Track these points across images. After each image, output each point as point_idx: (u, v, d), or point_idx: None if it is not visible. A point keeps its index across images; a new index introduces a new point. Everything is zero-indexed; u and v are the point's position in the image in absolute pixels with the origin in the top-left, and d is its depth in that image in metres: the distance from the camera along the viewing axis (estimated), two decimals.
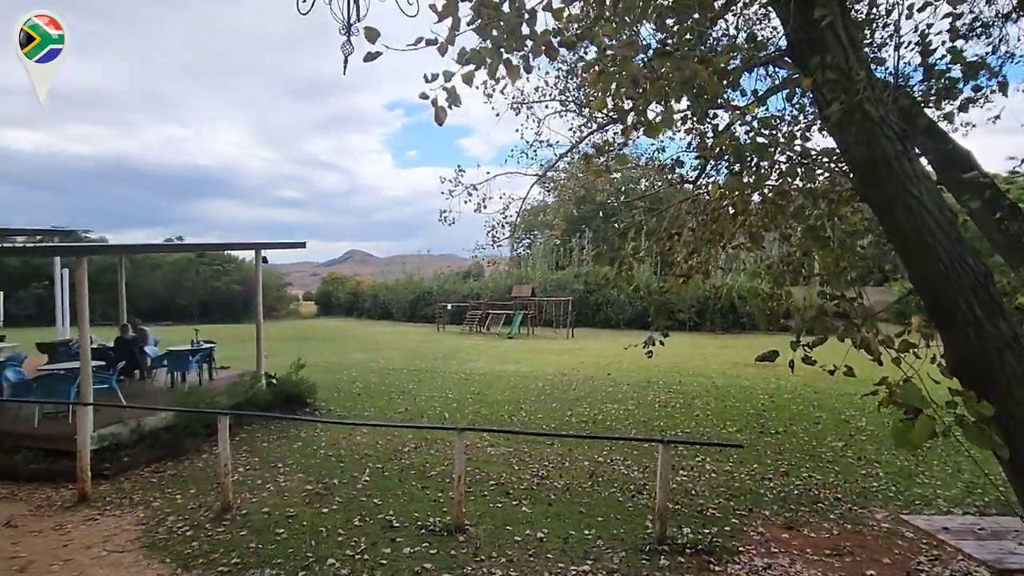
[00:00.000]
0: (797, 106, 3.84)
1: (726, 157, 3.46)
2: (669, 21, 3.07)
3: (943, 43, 3.28)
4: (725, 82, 2.76)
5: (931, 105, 3.63)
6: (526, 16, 2.40)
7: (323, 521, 5.60)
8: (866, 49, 4.35)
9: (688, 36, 3.07)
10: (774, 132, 3.12)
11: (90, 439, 6.58)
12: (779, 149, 2.93)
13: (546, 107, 9.34)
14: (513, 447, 7.99)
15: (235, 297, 35.63)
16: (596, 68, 2.38)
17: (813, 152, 3.05)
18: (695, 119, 4.69)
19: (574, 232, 33.64)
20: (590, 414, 9.98)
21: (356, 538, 5.22)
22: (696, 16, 2.67)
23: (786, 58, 3.21)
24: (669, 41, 3.15)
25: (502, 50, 2.26)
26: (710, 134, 4.32)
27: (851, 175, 3.07)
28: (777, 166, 3.07)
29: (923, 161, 3.37)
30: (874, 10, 4.80)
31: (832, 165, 3.61)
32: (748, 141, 3.14)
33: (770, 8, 4.74)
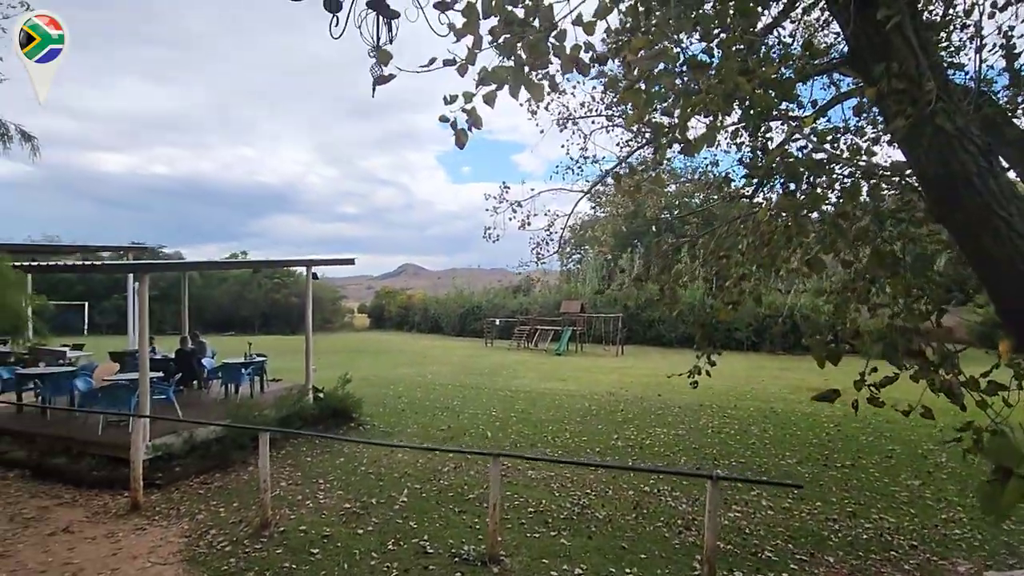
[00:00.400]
0: (865, 118, 3.49)
1: (778, 175, 3.17)
2: (716, 31, 2.85)
3: None
4: (776, 95, 2.50)
5: (1020, 114, 3.21)
6: (555, 32, 2.26)
7: (358, 543, 5.54)
8: (941, 53, 3.94)
9: (738, 46, 2.83)
10: (835, 146, 2.82)
11: (145, 449, 6.84)
12: (840, 164, 2.63)
13: (592, 122, 9.17)
14: (554, 471, 7.73)
15: (293, 309, 37.09)
16: (626, 82, 2.19)
17: (880, 167, 2.72)
18: (747, 135, 4.39)
19: (625, 248, 33.03)
20: (637, 438, 9.57)
21: (389, 563, 5.12)
22: (741, 25, 2.43)
23: (848, 66, 2.91)
24: (716, 52, 2.92)
25: (526, 68, 2.11)
26: (760, 151, 4.02)
27: (925, 193, 2.73)
28: (840, 182, 2.76)
29: (1012, 176, 2.96)
30: (951, 11, 4.36)
31: (902, 181, 3.25)
32: (803, 156, 2.85)
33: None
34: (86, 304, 32.37)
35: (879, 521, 6.30)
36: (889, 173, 2.72)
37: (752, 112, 2.99)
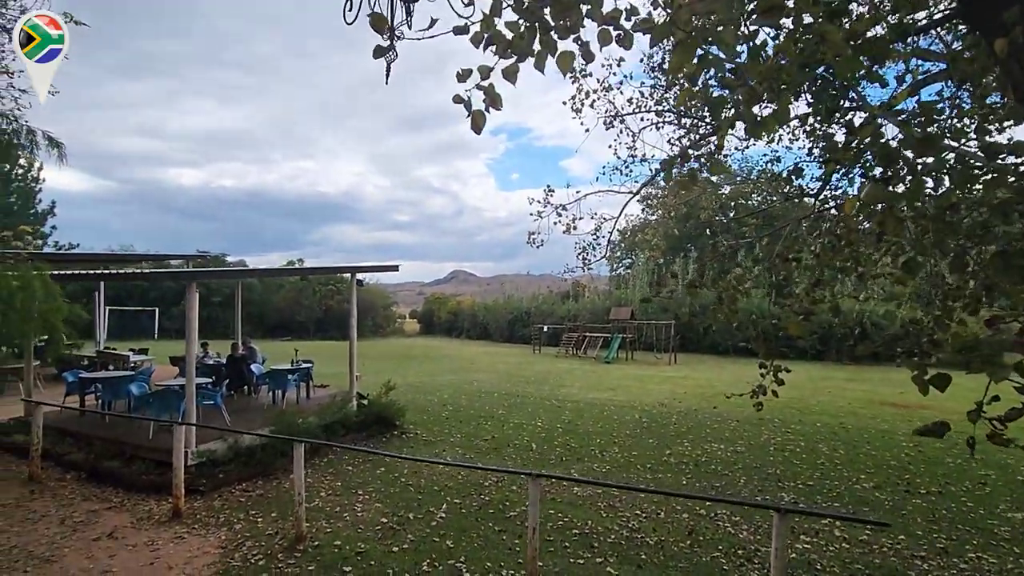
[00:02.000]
0: (969, 92, 2.91)
1: (865, 160, 2.65)
2: None
3: None
4: (867, 54, 2.01)
5: None
6: None
7: (392, 561, 5.26)
8: None
9: None
10: (938, 124, 2.28)
11: (190, 455, 6.85)
12: (953, 143, 2.11)
13: (641, 119, 8.69)
14: (603, 488, 7.25)
15: (346, 315, 38.01)
16: (673, 39, 1.76)
17: (1003, 146, 2.17)
18: (818, 119, 3.85)
19: (678, 252, 31.92)
20: (692, 454, 8.94)
21: None
22: None
23: (955, 22, 2.37)
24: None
25: (553, 35, 1.74)
26: (839, 136, 3.47)
27: None
28: (947, 168, 2.23)
29: None
30: None
31: None
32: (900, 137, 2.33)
33: None
34: (156, 310, 34.21)
35: (976, 561, 5.47)
36: (1015, 155, 2.16)
37: (830, 87, 2.49)
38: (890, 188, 2.32)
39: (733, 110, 2.03)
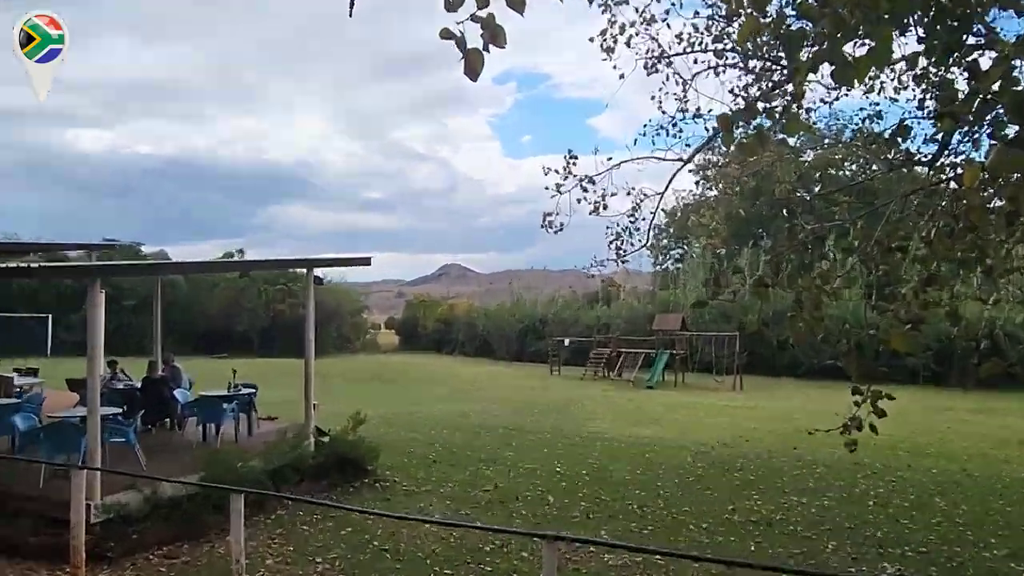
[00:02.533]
0: None
1: (995, 116, 2.63)
2: None
3: None
4: None
5: None
6: None
7: None
8: None
9: None
10: None
11: (93, 509, 6.91)
12: None
13: (694, 61, 8.69)
14: (642, 556, 7.26)
15: (301, 324, 38.22)
16: None
17: None
18: (932, 61, 3.82)
19: (745, 239, 31.88)
20: (763, 510, 8.95)
21: None
22: None
23: None
24: None
25: None
26: (959, 82, 3.45)
27: None
28: None
29: None
30: None
31: None
32: None
33: None
34: (49, 317, 34.38)
35: None
36: None
37: (948, 16, 2.48)
38: None
39: (816, 48, 2.03)
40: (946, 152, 4.74)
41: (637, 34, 8.80)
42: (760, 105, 2.96)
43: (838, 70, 2.04)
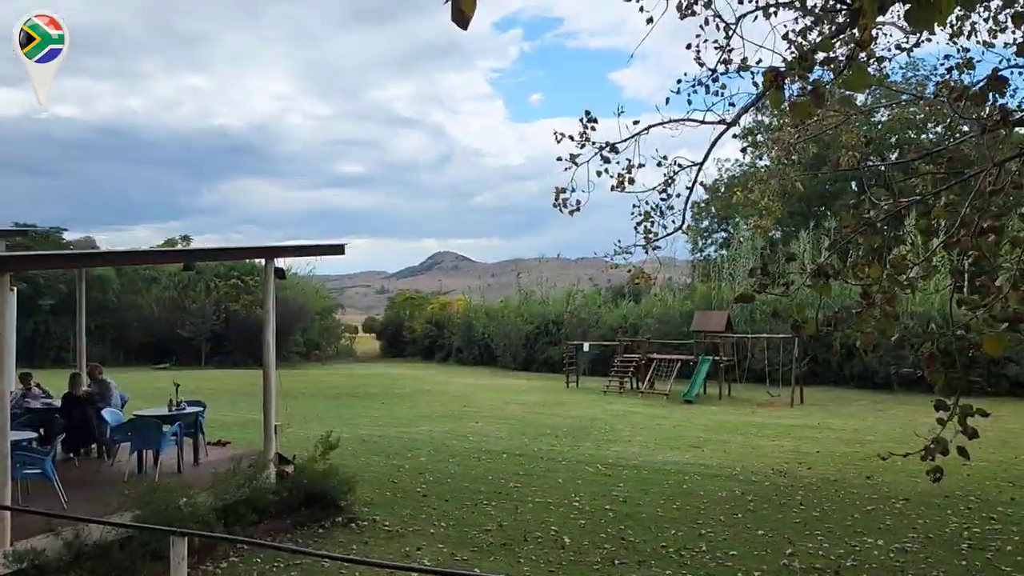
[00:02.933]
0: None
1: None
2: None
3: None
4: None
5: None
6: None
7: None
8: None
9: None
10: None
11: (3, 558, 6.96)
12: None
13: (740, 1, 8.68)
14: None
15: (258, 327, 38.45)
16: None
17: None
18: None
19: (803, 220, 31.85)
20: (830, 555, 8.97)
21: None
22: None
23: None
24: None
25: None
26: None
27: None
28: None
29: None
30: None
31: None
32: None
33: None
34: None
35: None
36: None
37: None
38: None
39: None
40: None
41: None
42: (819, 55, 2.96)
43: (914, 9, 2.04)
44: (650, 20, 9.00)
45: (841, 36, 6.69)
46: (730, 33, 9.05)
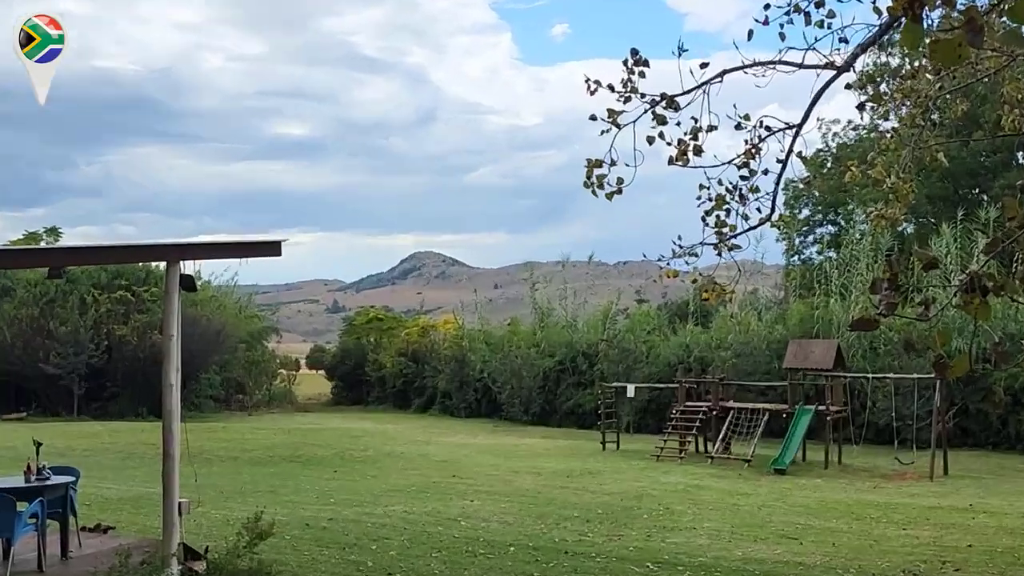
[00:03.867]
0: None
1: None
2: None
3: None
4: None
5: None
6: None
7: None
8: None
9: None
10: None
11: None
12: None
13: None
14: None
15: (155, 360, 38.58)
16: None
17: None
18: None
19: (947, 207, 31.82)
20: None
21: None
22: None
23: None
24: None
25: None
26: None
27: None
28: None
29: None
30: None
31: None
32: None
33: None
34: None
35: None
36: None
37: None
38: None
39: None
40: None
41: None
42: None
43: None
44: None
45: None
46: None
